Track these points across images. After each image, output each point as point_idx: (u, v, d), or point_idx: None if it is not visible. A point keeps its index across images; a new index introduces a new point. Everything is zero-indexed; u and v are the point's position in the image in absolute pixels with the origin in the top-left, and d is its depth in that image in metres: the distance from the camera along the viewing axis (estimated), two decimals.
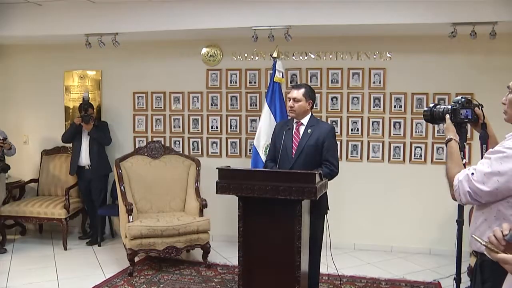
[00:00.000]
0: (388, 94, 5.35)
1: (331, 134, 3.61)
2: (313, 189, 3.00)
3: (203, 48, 5.70)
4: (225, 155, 5.76)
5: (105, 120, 5.86)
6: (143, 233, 4.59)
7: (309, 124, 3.64)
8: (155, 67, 5.85)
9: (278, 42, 4.96)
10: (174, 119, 5.86)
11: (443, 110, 2.47)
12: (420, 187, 5.30)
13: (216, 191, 3.21)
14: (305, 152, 3.54)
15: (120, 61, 5.89)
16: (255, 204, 3.16)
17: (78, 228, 6.07)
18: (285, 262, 3.11)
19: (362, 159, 5.45)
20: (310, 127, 3.62)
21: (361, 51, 5.37)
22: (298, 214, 3.07)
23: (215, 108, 5.76)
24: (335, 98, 5.46)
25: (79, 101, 5.86)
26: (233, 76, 5.69)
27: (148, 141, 5.76)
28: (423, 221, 5.32)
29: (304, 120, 3.66)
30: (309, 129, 3.60)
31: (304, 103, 3.62)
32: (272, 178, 3.11)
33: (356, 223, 5.48)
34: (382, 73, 5.35)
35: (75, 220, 5.85)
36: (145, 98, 5.90)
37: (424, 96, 5.27)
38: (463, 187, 2.01)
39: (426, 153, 5.31)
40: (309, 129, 3.61)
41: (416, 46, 5.25)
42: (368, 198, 5.45)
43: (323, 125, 3.71)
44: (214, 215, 5.27)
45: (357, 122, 5.44)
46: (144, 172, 5.29)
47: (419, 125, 5.31)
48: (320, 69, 5.47)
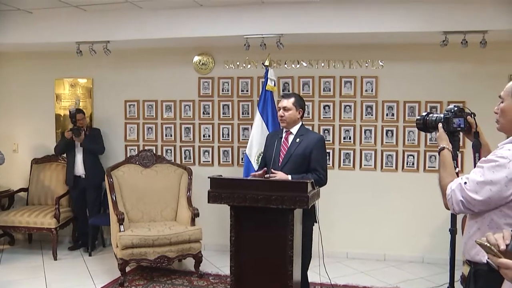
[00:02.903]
0: (380, 102, 5.37)
1: (320, 144, 3.59)
2: (305, 198, 2.99)
3: (195, 56, 5.70)
4: (217, 164, 5.74)
5: (97, 127, 5.82)
6: (135, 242, 4.55)
7: (298, 134, 3.64)
8: (146, 75, 5.83)
9: (270, 50, 4.97)
10: (165, 127, 5.84)
11: (436, 119, 2.47)
12: (413, 195, 5.31)
13: (208, 200, 3.19)
14: (292, 161, 3.53)
15: (112, 69, 5.87)
16: (247, 213, 3.14)
17: (69, 238, 5.99)
18: (277, 271, 3.08)
19: (355, 167, 5.45)
20: (299, 136, 3.62)
21: (353, 59, 5.39)
22: (290, 223, 3.05)
23: (207, 116, 5.74)
24: (327, 106, 5.47)
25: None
26: (225, 84, 5.68)
27: (139, 150, 5.74)
28: (416, 230, 5.32)
29: (293, 129, 3.66)
30: (298, 138, 3.60)
31: (294, 112, 3.62)
32: (264, 187, 3.09)
33: (348, 231, 5.46)
34: (374, 81, 5.36)
35: (66, 229, 5.77)
36: (137, 107, 5.88)
37: (416, 104, 5.29)
38: (456, 196, 2.01)
39: (419, 161, 5.32)
40: (298, 138, 3.61)
41: (408, 54, 5.27)
42: (361, 207, 5.44)
43: (312, 135, 3.71)
44: (206, 224, 5.24)
45: (350, 131, 5.44)
46: (136, 181, 5.26)
47: (411, 133, 5.32)
48: (312, 77, 5.48)
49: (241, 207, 3.11)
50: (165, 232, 4.68)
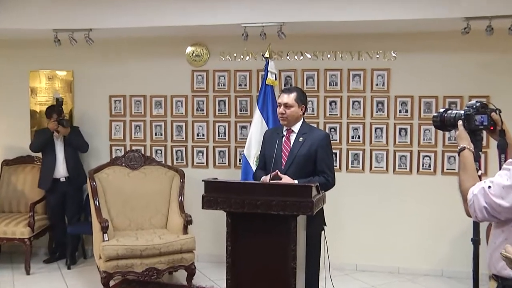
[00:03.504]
0: (392, 97, 5.36)
1: (325, 142, 3.60)
2: (309, 203, 2.97)
3: (188, 47, 5.69)
4: (212, 166, 5.73)
5: (76, 126, 5.78)
6: (120, 253, 4.53)
7: (301, 132, 3.63)
8: (134, 67, 5.81)
9: (270, 40, 4.96)
10: (155, 125, 5.83)
11: (455, 116, 2.45)
12: (430, 200, 5.28)
13: (202, 206, 3.18)
14: (296, 162, 3.52)
15: (95, 61, 5.85)
16: (245, 220, 3.13)
17: (44, 249, 5.91)
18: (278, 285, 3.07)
19: (364, 169, 5.45)
20: (301, 134, 3.61)
21: (363, 50, 5.38)
22: (293, 231, 3.04)
23: (201, 113, 5.73)
24: (333, 102, 5.46)
25: (47, 105, 5.79)
26: (221, 78, 5.67)
27: (126, 150, 5.72)
28: (433, 239, 5.30)
29: (295, 127, 3.65)
30: (301, 137, 3.60)
31: (297, 109, 3.62)
32: (264, 191, 3.08)
33: (358, 241, 5.45)
34: (386, 74, 5.35)
35: (41, 240, 5.68)
36: (123, 102, 5.87)
37: (433, 99, 5.27)
38: (479, 202, 1.98)
39: (436, 162, 5.31)
40: (301, 137, 3.60)
41: (424, 44, 5.25)
42: (371, 213, 5.42)
43: (316, 132, 3.70)
44: (200, 232, 5.22)
45: (358, 129, 5.43)
46: (122, 184, 5.24)
47: (427, 132, 5.31)
48: (317, 70, 5.47)
49: (239, 213, 3.10)
50: (154, 242, 4.66)
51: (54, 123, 5.40)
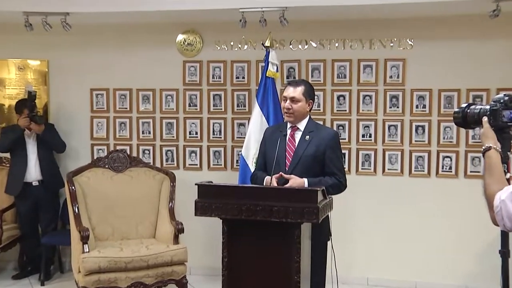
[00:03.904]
0: (408, 91, 5.38)
1: (334, 141, 3.61)
2: (315, 209, 2.97)
3: (179, 35, 5.70)
4: (206, 168, 5.76)
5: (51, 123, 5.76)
6: (102, 266, 4.52)
7: (307, 130, 3.64)
8: (118, 57, 5.81)
9: (271, 27, 4.97)
10: (142, 122, 5.84)
11: (480, 112, 2.44)
12: (451, 207, 5.29)
13: (195, 212, 3.19)
14: (302, 164, 3.53)
15: (73, 49, 5.83)
16: (243, 228, 3.15)
17: (14, 263, 5.87)
18: None
19: (376, 172, 5.47)
20: (308, 133, 3.62)
21: (375, 37, 5.40)
22: (297, 240, 3.04)
23: (194, 109, 5.74)
24: (342, 96, 5.48)
25: (17, 98, 5.75)
26: (216, 69, 5.69)
27: (109, 150, 5.72)
28: (456, 251, 5.29)
29: (301, 124, 3.66)
30: (307, 136, 3.60)
31: (304, 104, 3.62)
32: (264, 196, 3.08)
33: (369, 252, 5.46)
34: (401, 65, 5.37)
35: (10, 252, 5.65)
36: (106, 97, 5.87)
37: (455, 93, 5.28)
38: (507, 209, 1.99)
39: (458, 164, 5.31)
40: (307, 135, 3.61)
41: (445, 30, 5.25)
42: (384, 221, 5.43)
43: (324, 131, 3.72)
44: (193, 242, 5.23)
45: (370, 127, 5.45)
46: (105, 189, 5.25)
47: (448, 130, 5.32)
48: (324, 61, 5.49)
49: (236, 220, 3.11)
50: (141, 253, 4.66)
51: (26, 120, 5.36)
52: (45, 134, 5.43)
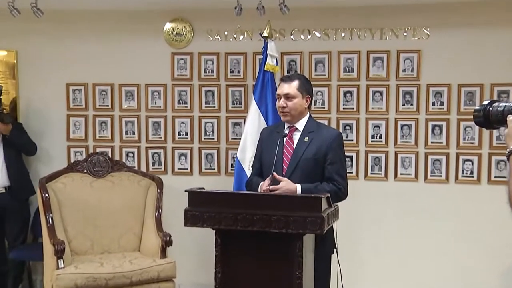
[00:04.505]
0: (424, 86, 5.38)
1: (337, 143, 3.63)
2: (319, 219, 2.98)
3: (167, 24, 5.71)
4: (197, 172, 5.78)
5: (20, 122, 5.74)
6: (79, 284, 4.53)
7: (307, 129, 3.66)
8: (98, 48, 5.81)
9: (270, 15, 4.98)
10: (126, 122, 5.86)
11: (504, 109, 2.39)
12: (473, 217, 5.26)
13: (185, 222, 3.21)
14: (301, 168, 3.56)
15: (46, 39, 5.81)
16: (238, 240, 3.16)
17: None
18: None
19: (388, 177, 5.48)
20: (307, 133, 3.64)
21: (386, 26, 5.40)
22: (298, 254, 3.05)
23: (184, 107, 5.77)
24: (349, 93, 5.49)
25: None
26: (209, 62, 5.71)
27: (89, 153, 5.71)
28: (479, 268, 5.26)
29: (299, 124, 3.69)
30: (307, 137, 3.63)
31: (301, 101, 3.65)
32: (262, 204, 3.10)
33: (379, 267, 5.46)
34: (415, 57, 5.37)
35: None
36: (84, 93, 5.87)
37: (477, 88, 5.26)
38: None
39: (480, 169, 5.29)
40: (307, 136, 3.63)
41: (467, 16, 5.22)
42: (396, 233, 5.43)
43: (326, 131, 3.74)
44: (182, 256, 5.25)
45: (380, 126, 5.47)
46: (83, 196, 5.25)
47: (469, 130, 5.31)
48: (329, 52, 5.50)
49: (231, 231, 3.12)
50: (124, 268, 4.67)
51: None
52: (12, 135, 5.41)
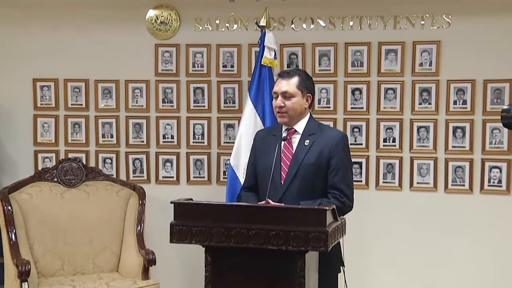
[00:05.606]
0: (444, 82, 5.40)
1: (341, 145, 3.65)
2: (323, 234, 2.98)
3: (149, 11, 5.73)
4: (185, 181, 5.80)
5: None
6: None
7: (307, 132, 3.68)
8: (70, 39, 5.81)
9: (268, 3, 5.01)
10: (102, 123, 5.87)
11: None
12: (500, 232, 5.28)
13: (171, 238, 3.21)
14: (301, 175, 3.58)
15: (10, 27, 5.82)
16: (231, 258, 3.16)
17: None
18: None
19: (402, 186, 5.50)
20: (308, 136, 3.66)
21: (401, 13, 5.42)
22: (300, 274, 3.05)
23: (170, 106, 5.80)
24: (358, 90, 5.52)
25: None
26: (198, 55, 5.73)
27: (59, 159, 5.71)
28: (503, 285, 5.28)
29: (298, 125, 3.71)
30: (307, 140, 3.65)
31: (300, 100, 3.67)
32: (259, 217, 3.10)
33: (392, 284, 5.48)
34: (434, 49, 5.40)
35: None
36: (54, 90, 5.87)
37: (506, 84, 5.28)
38: None
39: (510, 177, 5.29)
40: (307, 139, 3.65)
41: (493, 1, 5.23)
42: (411, 249, 5.44)
43: (329, 132, 3.77)
44: (168, 276, 5.29)
45: (394, 128, 5.49)
46: (53, 209, 5.25)
47: (496, 132, 5.32)
48: (335, 44, 5.53)
49: (223, 248, 3.12)
50: None
51: None
52: None
